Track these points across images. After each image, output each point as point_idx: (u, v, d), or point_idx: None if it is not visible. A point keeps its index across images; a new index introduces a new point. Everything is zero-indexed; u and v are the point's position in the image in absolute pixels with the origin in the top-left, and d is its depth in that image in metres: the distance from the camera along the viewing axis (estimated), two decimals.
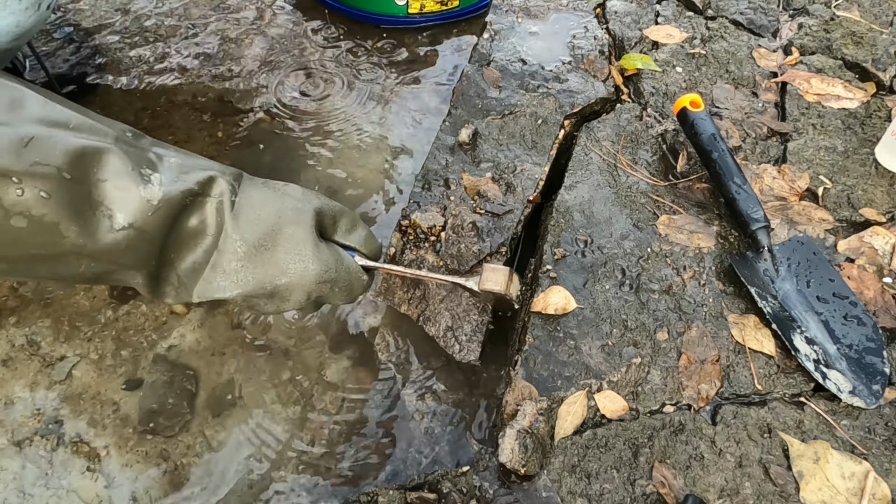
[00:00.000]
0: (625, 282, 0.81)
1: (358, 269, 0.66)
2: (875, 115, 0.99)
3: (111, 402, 0.81)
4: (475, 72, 1.04)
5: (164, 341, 0.87)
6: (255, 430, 0.80)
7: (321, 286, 0.62)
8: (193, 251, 0.58)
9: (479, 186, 0.88)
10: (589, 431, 0.69)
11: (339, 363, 0.86)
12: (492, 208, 0.86)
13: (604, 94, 1.02)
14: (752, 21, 1.15)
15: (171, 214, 0.55)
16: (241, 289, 0.59)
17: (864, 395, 0.71)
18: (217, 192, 0.58)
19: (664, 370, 0.74)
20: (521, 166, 0.91)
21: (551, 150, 0.94)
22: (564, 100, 0.99)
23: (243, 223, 0.58)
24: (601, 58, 1.05)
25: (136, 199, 0.53)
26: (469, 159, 0.93)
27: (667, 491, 0.65)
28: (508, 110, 0.99)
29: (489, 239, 0.84)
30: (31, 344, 0.86)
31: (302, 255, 0.60)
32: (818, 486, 0.65)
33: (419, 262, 0.85)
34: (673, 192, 0.90)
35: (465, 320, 0.82)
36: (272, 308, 0.63)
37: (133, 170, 0.53)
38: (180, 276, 0.58)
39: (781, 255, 0.81)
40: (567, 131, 0.99)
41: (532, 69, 1.04)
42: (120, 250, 0.53)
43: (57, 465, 0.76)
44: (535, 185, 0.90)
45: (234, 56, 1.28)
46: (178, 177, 0.56)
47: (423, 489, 0.68)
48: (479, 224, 0.84)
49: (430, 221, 0.84)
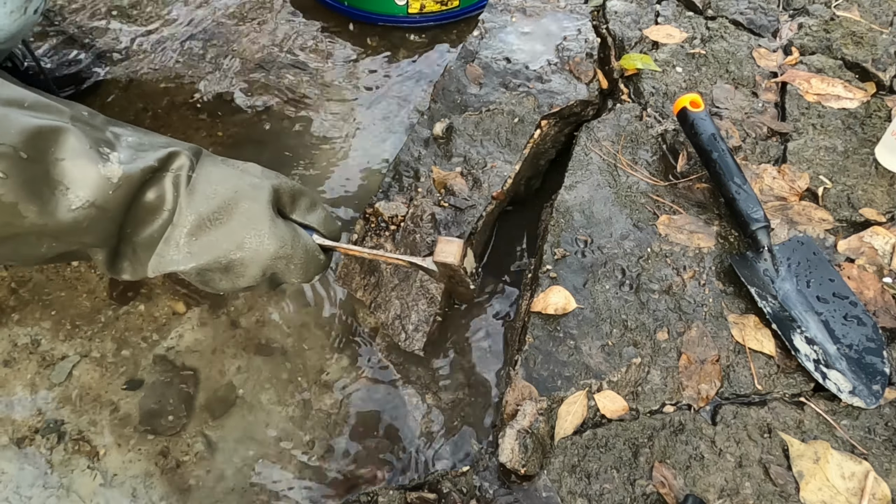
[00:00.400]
0: (625, 282, 0.81)
1: (315, 248, 0.66)
2: (875, 115, 0.99)
3: (111, 403, 0.81)
4: (458, 68, 1.04)
5: (164, 341, 0.87)
6: (255, 430, 0.80)
7: (276, 262, 0.62)
8: (150, 225, 0.58)
9: (447, 180, 0.89)
10: (589, 431, 0.69)
11: (338, 363, 0.86)
12: (455, 202, 0.87)
13: (585, 97, 1.01)
14: (752, 21, 1.15)
15: (131, 192, 0.55)
16: (194, 262, 0.59)
17: (864, 395, 0.71)
18: (176, 166, 0.58)
19: (664, 370, 0.74)
20: (492, 163, 0.91)
21: (524, 149, 0.94)
22: (544, 100, 0.99)
23: (198, 197, 0.58)
24: (587, 60, 1.04)
25: (96, 177, 0.52)
26: (441, 153, 0.93)
27: (667, 491, 0.65)
28: (486, 107, 0.99)
29: (445, 231, 0.84)
30: (31, 344, 0.86)
31: (258, 229, 0.60)
32: (818, 486, 0.65)
33: (377, 249, 0.86)
34: (673, 192, 0.90)
35: (413, 309, 0.83)
36: (227, 284, 0.63)
37: (91, 148, 0.53)
38: (136, 250, 0.59)
39: (781, 255, 0.81)
40: (544, 131, 0.99)
41: (515, 68, 1.03)
42: (81, 229, 0.53)
43: (56, 464, 0.76)
44: (502, 183, 0.90)
45: (235, 55, 1.28)
46: (138, 154, 0.56)
47: (423, 489, 0.68)
48: (438, 216, 0.85)
49: (392, 211, 0.85)
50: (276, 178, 0.65)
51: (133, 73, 1.24)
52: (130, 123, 0.60)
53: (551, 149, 1.04)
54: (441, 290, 0.83)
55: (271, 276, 0.64)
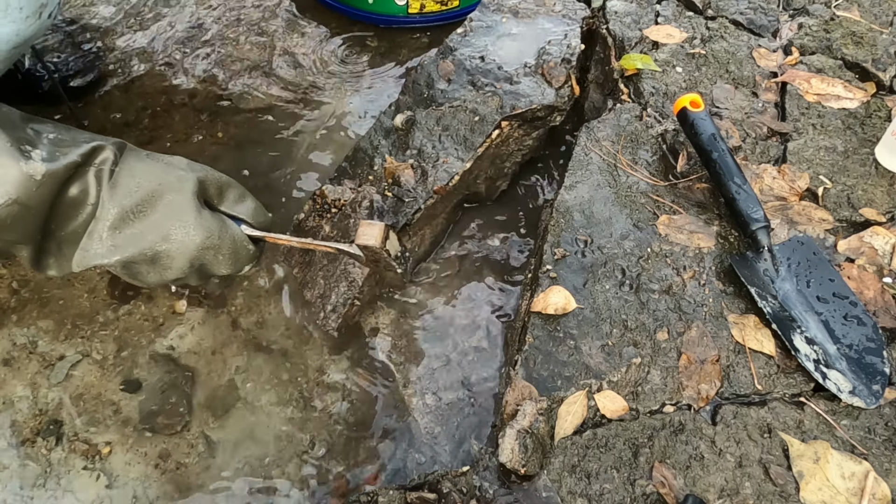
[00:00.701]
0: (625, 282, 0.81)
1: (244, 238, 0.66)
2: (875, 115, 0.99)
3: (111, 403, 0.81)
4: (431, 63, 1.04)
5: (164, 341, 0.87)
6: (255, 430, 0.80)
7: (204, 253, 0.62)
8: (74, 220, 0.58)
9: (397, 171, 0.89)
10: (589, 431, 0.69)
11: (338, 363, 0.86)
12: (399, 193, 0.88)
13: (551, 102, 0.98)
14: (752, 21, 1.15)
15: (54, 188, 0.55)
16: (118, 255, 0.59)
17: (864, 395, 0.71)
18: (99, 160, 0.58)
19: (664, 370, 0.74)
20: (444, 159, 0.91)
21: (479, 147, 0.93)
22: (508, 101, 0.97)
23: (121, 191, 0.59)
24: (562, 65, 1.02)
25: (18, 175, 0.52)
26: (399, 144, 0.94)
27: (667, 491, 0.65)
28: (450, 103, 0.98)
29: (379, 219, 0.85)
30: (31, 344, 0.86)
31: (183, 220, 0.60)
32: (818, 486, 0.65)
33: (316, 230, 0.89)
34: (673, 192, 0.90)
35: (333, 291, 0.85)
36: (155, 276, 0.63)
37: (12, 146, 0.53)
38: (61, 246, 0.59)
39: (781, 255, 0.81)
40: (504, 133, 0.97)
41: (488, 67, 1.02)
42: (5, 227, 0.53)
43: (56, 464, 0.76)
44: (448, 178, 0.90)
45: (235, 56, 1.28)
46: (60, 150, 0.56)
47: (423, 489, 0.68)
48: (377, 204, 0.85)
49: (337, 195, 0.87)
50: (202, 170, 0.65)
51: (133, 73, 1.24)
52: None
53: (517, 151, 1.03)
54: (364, 276, 0.84)
55: (200, 268, 0.64)
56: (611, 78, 1.10)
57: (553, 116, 1.02)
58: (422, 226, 0.92)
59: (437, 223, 0.97)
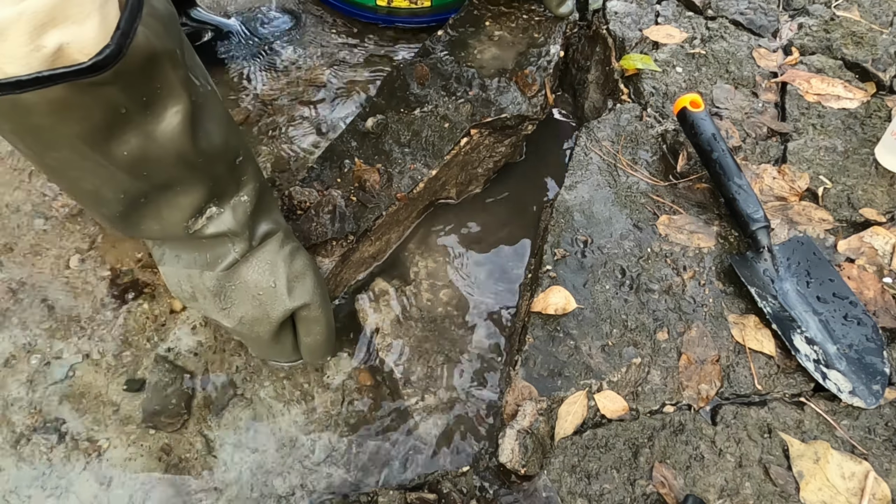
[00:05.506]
0: (625, 282, 0.81)
1: None
2: (875, 115, 0.99)
3: (112, 403, 0.81)
4: (407, 65, 1.03)
5: (165, 342, 0.86)
6: (255, 431, 0.80)
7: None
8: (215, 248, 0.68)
9: (364, 175, 0.88)
10: (589, 431, 0.69)
11: (338, 363, 0.86)
12: (363, 198, 0.87)
13: (522, 112, 0.96)
14: (752, 21, 1.15)
15: None
16: None
17: (864, 395, 0.71)
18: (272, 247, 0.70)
19: (664, 370, 0.74)
20: (412, 164, 0.91)
21: (447, 154, 0.92)
22: (479, 109, 0.95)
23: None
24: (537, 73, 0.99)
25: None
26: (369, 147, 0.93)
27: (667, 491, 0.65)
28: (422, 108, 0.97)
29: (340, 224, 0.84)
30: (31, 343, 0.85)
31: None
32: (818, 487, 0.65)
33: None
34: (673, 192, 0.90)
35: None
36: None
37: None
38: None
39: (781, 255, 0.81)
40: (474, 140, 0.95)
41: (463, 73, 1.01)
42: None
43: (56, 464, 0.76)
44: (412, 185, 0.89)
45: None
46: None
47: (423, 489, 0.68)
48: (339, 209, 0.84)
49: (302, 197, 0.85)
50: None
51: None
52: None
53: (489, 158, 1.01)
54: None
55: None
56: (611, 78, 1.10)
57: (525, 125, 1.00)
58: (385, 231, 0.91)
59: (403, 227, 0.96)
